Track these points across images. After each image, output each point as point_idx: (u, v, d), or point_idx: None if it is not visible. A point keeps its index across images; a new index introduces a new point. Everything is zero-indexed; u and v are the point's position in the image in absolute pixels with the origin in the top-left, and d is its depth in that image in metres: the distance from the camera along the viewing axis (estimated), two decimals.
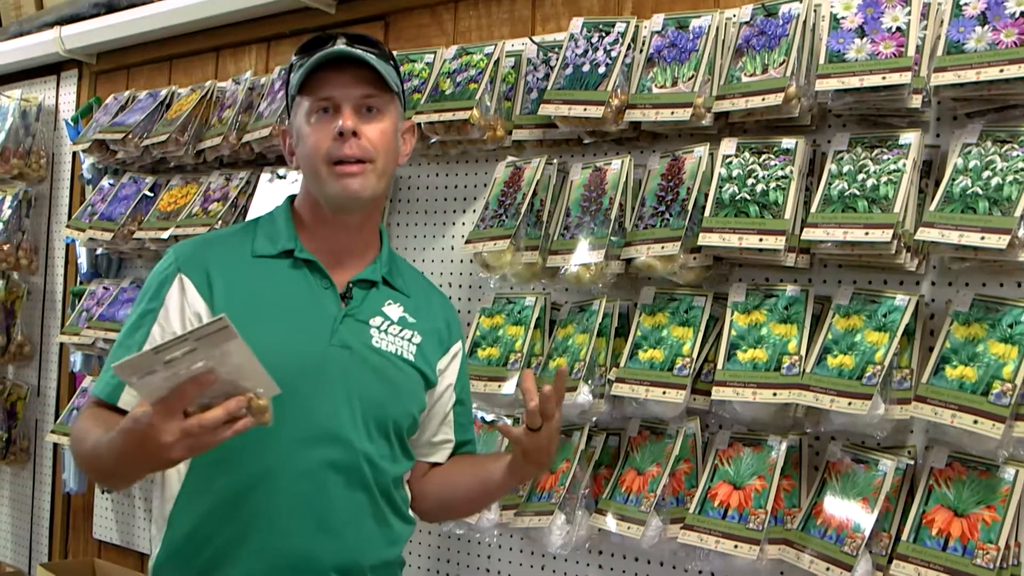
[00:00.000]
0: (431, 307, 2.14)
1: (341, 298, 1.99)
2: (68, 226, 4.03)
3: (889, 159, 2.22)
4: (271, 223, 2.06)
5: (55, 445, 4.36)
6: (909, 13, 2.23)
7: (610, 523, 2.43)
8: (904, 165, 2.19)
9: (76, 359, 4.13)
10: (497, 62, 2.89)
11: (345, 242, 2.03)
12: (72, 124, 4.34)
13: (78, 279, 4.26)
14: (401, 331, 2.04)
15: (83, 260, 4.17)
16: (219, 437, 1.60)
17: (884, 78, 2.17)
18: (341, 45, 1.95)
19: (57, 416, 4.32)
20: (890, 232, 2.12)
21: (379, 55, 1.98)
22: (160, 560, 1.96)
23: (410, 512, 2.10)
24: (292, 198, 2.10)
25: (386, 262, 2.08)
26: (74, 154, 4.42)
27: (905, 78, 2.16)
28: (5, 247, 4.35)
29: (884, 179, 2.19)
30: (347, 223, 2.01)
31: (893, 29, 2.22)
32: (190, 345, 1.56)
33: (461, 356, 2.19)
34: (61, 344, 4.35)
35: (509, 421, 2.72)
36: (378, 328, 2.01)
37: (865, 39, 2.24)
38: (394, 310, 2.05)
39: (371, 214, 2.05)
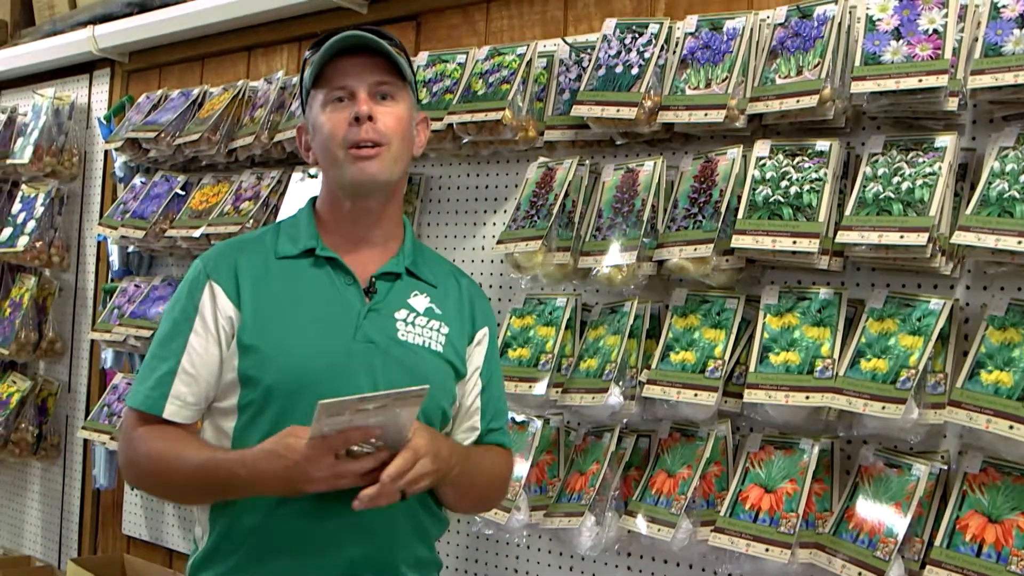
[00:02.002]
0: (460, 295, 2.13)
1: (365, 293, 2.00)
2: (100, 224, 4.06)
3: (924, 162, 2.20)
4: (293, 224, 2.08)
5: (85, 441, 4.38)
6: (946, 15, 2.21)
7: (640, 525, 2.43)
8: (940, 168, 2.18)
9: (107, 356, 4.16)
10: (529, 63, 2.89)
11: (366, 234, 2.03)
12: (105, 123, 4.36)
13: (110, 277, 4.29)
14: (428, 322, 2.03)
15: (115, 258, 4.20)
16: (355, 482, 1.76)
17: (920, 81, 2.16)
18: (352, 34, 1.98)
19: (88, 413, 4.35)
20: (925, 235, 2.10)
21: (391, 44, 2.00)
22: (199, 559, 1.98)
23: (441, 509, 2.10)
24: (314, 200, 2.12)
25: (410, 253, 2.08)
26: (106, 152, 4.45)
27: (942, 81, 2.15)
28: (37, 244, 4.39)
29: (919, 182, 2.18)
30: (366, 212, 2.02)
31: (930, 31, 2.21)
32: (387, 401, 1.71)
33: (488, 341, 2.16)
34: (92, 341, 4.38)
35: (539, 422, 2.73)
36: (404, 320, 2.00)
37: (901, 41, 2.23)
38: (420, 301, 2.05)
39: (390, 203, 2.05)
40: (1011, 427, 1.97)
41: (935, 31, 2.21)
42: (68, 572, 3.88)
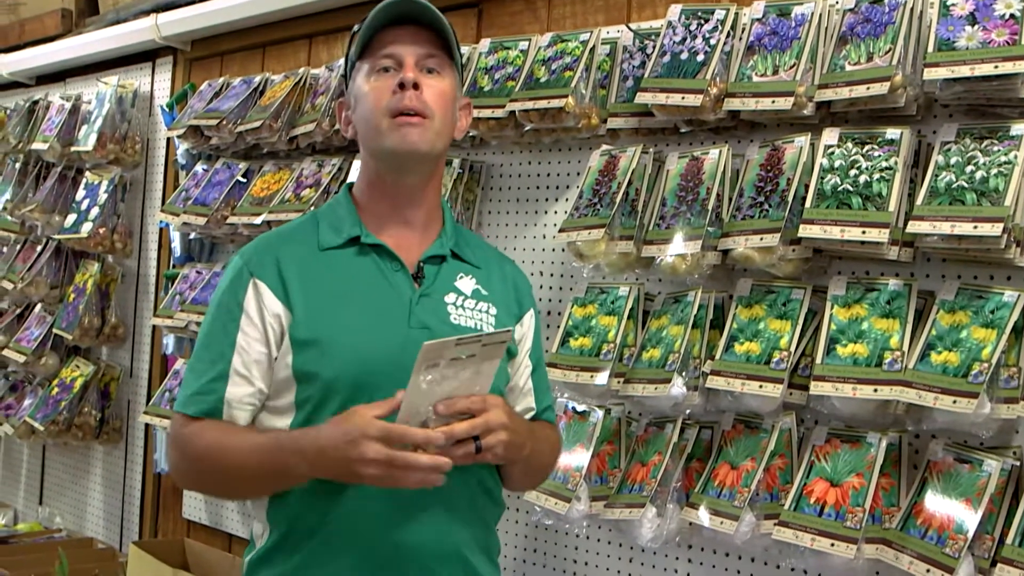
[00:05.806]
0: (503, 277, 2.13)
1: (413, 278, 1.98)
2: (162, 210, 4.10)
3: (999, 151, 2.15)
4: (333, 213, 2.05)
5: (147, 426, 4.43)
6: None
7: (703, 517, 2.40)
8: (1015, 157, 2.12)
9: (168, 341, 4.20)
10: (592, 49, 2.86)
11: (407, 216, 2.01)
12: (167, 110, 4.40)
13: (171, 263, 4.32)
14: (477, 304, 2.02)
15: (176, 244, 4.24)
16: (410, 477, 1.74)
17: (996, 67, 2.10)
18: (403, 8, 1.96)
19: (149, 397, 4.40)
20: (1000, 226, 2.05)
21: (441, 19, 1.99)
22: (257, 557, 1.96)
23: (501, 494, 2.09)
24: (350, 186, 2.10)
25: (451, 235, 2.07)
26: (168, 140, 4.48)
27: (1019, 67, 2.08)
28: (101, 231, 4.44)
29: (994, 171, 2.13)
30: (405, 189, 2.00)
31: (1006, 16, 2.15)
32: (477, 348, 1.70)
33: (535, 323, 2.16)
34: (154, 326, 4.42)
35: (601, 413, 2.71)
36: (454, 304, 2.00)
37: (976, 27, 2.17)
38: (467, 284, 2.04)
39: (429, 182, 2.03)
40: None
41: (1012, 16, 2.15)
42: (130, 555, 3.91)
